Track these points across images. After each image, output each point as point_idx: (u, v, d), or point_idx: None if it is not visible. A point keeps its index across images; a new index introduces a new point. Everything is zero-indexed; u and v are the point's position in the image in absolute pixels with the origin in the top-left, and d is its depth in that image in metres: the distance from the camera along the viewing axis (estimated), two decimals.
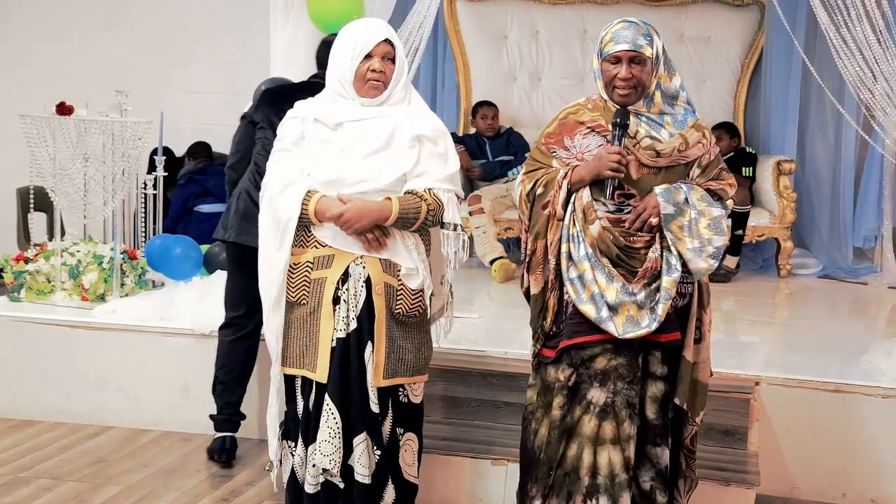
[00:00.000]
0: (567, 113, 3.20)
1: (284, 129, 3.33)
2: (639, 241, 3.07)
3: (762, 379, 4.17)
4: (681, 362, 3.16)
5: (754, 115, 7.44)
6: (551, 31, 7.57)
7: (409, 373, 3.32)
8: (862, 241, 7.07)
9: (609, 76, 3.07)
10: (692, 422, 3.22)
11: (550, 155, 3.18)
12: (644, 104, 3.09)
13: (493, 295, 6.07)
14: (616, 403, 3.09)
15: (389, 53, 3.25)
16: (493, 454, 3.93)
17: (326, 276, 3.24)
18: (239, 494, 4.00)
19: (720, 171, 3.19)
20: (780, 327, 5.70)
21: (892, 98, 4.60)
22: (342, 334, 3.23)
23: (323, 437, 3.21)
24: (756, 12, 7.40)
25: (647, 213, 3.04)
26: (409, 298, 3.27)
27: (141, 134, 5.17)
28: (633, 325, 3.04)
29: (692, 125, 3.11)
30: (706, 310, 3.23)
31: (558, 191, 3.10)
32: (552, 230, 3.13)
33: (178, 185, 7.31)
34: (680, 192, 3.06)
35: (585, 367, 3.12)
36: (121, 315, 4.85)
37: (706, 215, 3.07)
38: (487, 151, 6.98)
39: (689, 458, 3.29)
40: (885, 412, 4.08)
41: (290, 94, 3.83)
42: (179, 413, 4.69)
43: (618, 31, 3.07)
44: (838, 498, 4.12)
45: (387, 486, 3.29)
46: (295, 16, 4.96)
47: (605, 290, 3.05)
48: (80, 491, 3.99)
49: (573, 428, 3.14)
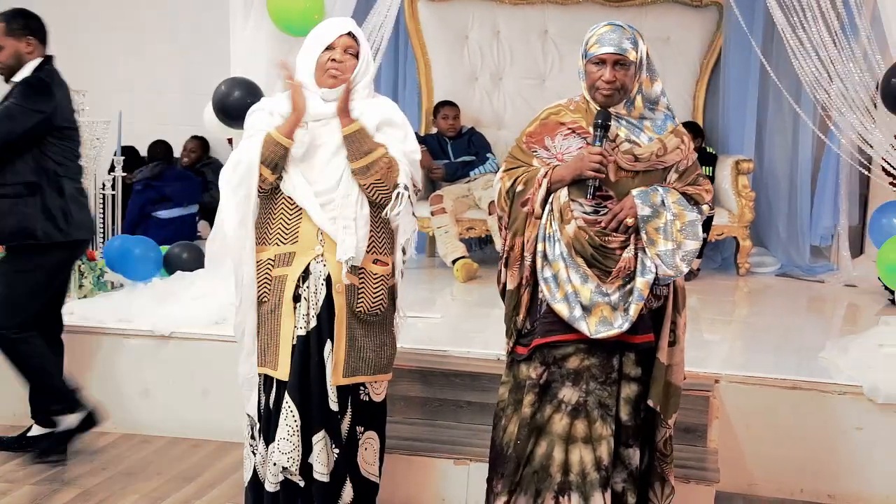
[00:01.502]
0: (548, 113, 3.21)
1: (252, 121, 3.31)
2: (614, 241, 3.09)
3: (722, 377, 4.21)
4: (654, 364, 3.17)
5: (713, 114, 7.50)
6: (512, 31, 7.58)
7: (371, 371, 3.32)
8: (819, 240, 7.14)
9: (593, 78, 3.09)
10: (665, 424, 3.24)
11: (531, 154, 3.19)
12: (625, 107, 3.11)
13: (455, 294, 6.07)
14: (588, 403, 3.10)
15: (352, 48, 3.25)
16: (455, 454, 3.93)
17: (287, 274, 3.24)
18: (200, 497, 3.97)
19: (697, 176, 3.22)
20: (739, 325, 5.75)
21: (848, 98, 4.66)
22: (302, 332, 3.23)
23: (281, 435, 3.21)
24: (714, 13, 7.46)
25: (623, 213, 3.06)
26: (370, 297, 3.27)
27: (99, 134, 5.13)
28: (606, 326, 3.06)
29: (671, 130, 3.14)
30: (681, 313, 3.24)
31: (538, 189, 3.11)
32: (529, 228, 3.14)
33: (135, 191, 7.27)
34: (657, 194, 3.08)
35: (557, 366, 3.13)
36: (79, 317, 4.80)
37: (681, 218, 3.09)
38: (449, 151, 6.98)
39: (663, 461, 3.29)
40: (841, 409, 4.13)
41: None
42: (139, 415, 4.65)
43: (603, 34, 3.09)
44: (796, 493, 4.17)
45: (345, 484, 3.30)
46: (255, 15, 4.93)
47: (579, 290, 3.06)
48: (37, 495, 3.94)
49: (543, 426, 3.14)
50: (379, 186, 3.21)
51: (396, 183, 3.22)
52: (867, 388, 4.09)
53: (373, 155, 3.20)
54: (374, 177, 3.19)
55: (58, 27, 8.26)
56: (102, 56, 7.99)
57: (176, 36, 7.98)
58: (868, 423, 4.10)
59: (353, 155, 3.20)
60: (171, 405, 4.63)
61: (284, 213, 3.26)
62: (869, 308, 5.97)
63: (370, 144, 3.21)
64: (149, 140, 7.87)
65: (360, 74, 3.27)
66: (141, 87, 7.97)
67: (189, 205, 7.45)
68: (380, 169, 3.19)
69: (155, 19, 8.06)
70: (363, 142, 3.20)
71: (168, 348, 4.64)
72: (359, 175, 3.20)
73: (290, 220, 3.25)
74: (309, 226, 3.23)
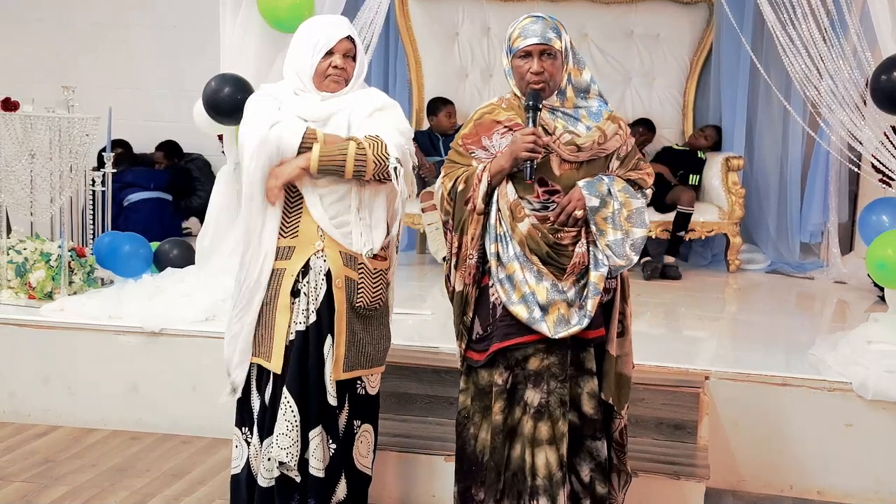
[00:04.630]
0: (482, 113, 3.20)
1: (260, 106, 3.26)
2: (566, 237, 3.08)
3: (711, 373, 4.22)
4: (605, 357, 3.18)
5: (703, 112, 7.52)
6: (503, 28, 7.47)
7: (369, 365, 3.33)
8: (808, 237, 7.16)
9: (521, 72, 3.07)
10: (618, 415, 3.24)
11: (469, 155, 3.17)
12: (557, 99, 3.10)
13: (445, 291, 6.05)
14: (550, 403, 3.09)
15: (351, 51, 3.25)
16: (445, 450, 3.92)
17: (286, 268, 3.24)
18: (190, 493, 3.96)
19: (637, 160, 3.22)
20: (729, 322, 5.77)
21: (838, 95, 4.67)
22: (301, 327, 3.22)
23: (280, 430, 3.20)
24: (705, 10, 7.47)
25: (571, 205, 3.05)
26: (369, 292, 3.27)
27: (88, 130, 5.11)
28: (564, 324, 3.06)
29: (607, 117, 3.13)
30: (628, 302, 3.25)
31: (478, 184, 3.09)
32: (472, 224, 3.13)
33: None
34: (602, 183, 3.08)
35: (521, 368, 3.12)
36: (69, 313, 4.79)
37: (628, 206, 3.09)
38: (441, 148, 6.98)
39: (620, 451, 3.29)
40: (831, 405, 4.14)
41: None
42: (128, 412, 4.64)
43: (525, 26, 3.08)
44: (785, 490, 4.18)
45: (340, 480, 3.29)
46: (244, 11, 4.92)
47: (535, 290, 3.06)
48: (26, 492, 3.93)
49: (514, 428, 3.14)
50: (377, 171, 3.18)
51: (387, 155, 3.18)
52: (856, 384, 4.10)
53: (349, 153, 3.14)
54: (369, 169, 3.16)
55: (47, 23, 8.26)
56: (91, 52, 7.96)
57: (165, 32, 7.96)
58: (857, 420, 4.11)
59: (337, 171, 3.16)
60: (160, 402, 4.62)
61: (285, 208, 3.25)
62: (858, 305, 5.99)
63: (337, 150, 3.15)
64: (139, 137, 7.87)
65: (357, 75, 3.28)
66: (128, 83, 7.95)
67: (156, 189, 7.53)
68: (364, 159, 3.15)
69: (143, 15, 8.04)
70: (332, 155, 3.14)
71: (158, 345, 4.63)
72: (356, 178, 3.18)
73: (290, 214, 3.25)
74: (310, 220, 3.23)
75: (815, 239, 7.16)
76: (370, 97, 3.31)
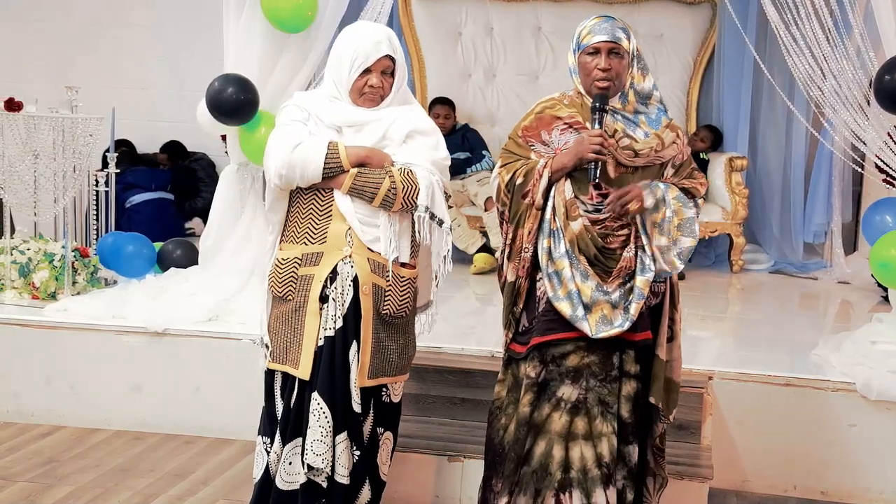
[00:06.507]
0: (543, 107, 3.20)
1: (289, 112, 3.27)
2: (615, 241, 3.09)
3: (715, 374, 4.22)
4: (654, 361, 3.18)
5: (706, 112, 7.51)
6: (506, 28, 7.58)
7: (393, 373, 3.31)
8: (812, 237, 7.15)
9: (588, 68, 3.08)
10: (665, 419, 3.24)
11: (528, 147, 3.17)
12: (619, 101, 3.11)
13: (449, 292, 6.06)
14: (588, 400, 3.10)
15: (389, 68, 3.23)
16: (449, 451, 3.93)
17: (314, 274, 3.21)
18: (193, 493, 3.97)
19: (692, 170, 3.22)
20: (733, 322, 5.76)
21: (841, 95, 4.66)
22: (330, 333, 3.20)
23: (315, 437, 3.17)
24: (708, 10, 7.47)
25: (629, 195, 3.03)
26: (396, 299, 3.26)
27: (92, 130, 5.11)
28: (606, 325, 3.06)
29: (666, 125, 3.14)
30: (677, 308, 3.25)
31: (539, 180, 3.09)
32: (530, 220, 3.13)
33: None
34: (658, 189, 3.09)
35: (556, 365, 3.13)
36: (72, 313, 4.79)
37: (679, 215, 3.10)
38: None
39: (659, 456, 3.30)
40: (834, 405, 4.14)
41: None
42: (132, 412, 4.64)
43: (596, 24, 3.11)
44: (789, 490, 4.17)
45: (363, 486, 3.28)
46: (248, 12, 4.92)
47: (580, 288, 3.06)
48: (31, 491, 3.93)
49: (541, 425, 3.14)
50: (405, 206, 3.20)
51: (415, 203, 3.19)
52: (860, 384, 4.10)
53: (382, 189, 3.15)
54: (396, 207, 3.18)
55: (48, 23, 8.26)
56: (93, 52, 7.97)
57: (167, 32, 7.96)
58: (861, 420, 4.11)
59: (364, 199, 3.17)
60: (164, 402, 4.62)
61: (314, 213, 3.23)
62: (862, 305, 5.99)
63: (372, 183, 3.16)
64: (142, 137, 7.87)
65: (395, 90, 3.26)
66: (132, 83, 7.95)
67: (157, 189, 7.55)
68: (393, 199, 3.16)
69: (146, 15, 8.04)
70: (364, 188, 3.16)
71: (161, 345, 4.63)
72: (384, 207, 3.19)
73: (319, 219, 3.23)
74: (338, 226, 3.20)
75: (819, 239, 7.15)
76: (410, 116, 3.28)
